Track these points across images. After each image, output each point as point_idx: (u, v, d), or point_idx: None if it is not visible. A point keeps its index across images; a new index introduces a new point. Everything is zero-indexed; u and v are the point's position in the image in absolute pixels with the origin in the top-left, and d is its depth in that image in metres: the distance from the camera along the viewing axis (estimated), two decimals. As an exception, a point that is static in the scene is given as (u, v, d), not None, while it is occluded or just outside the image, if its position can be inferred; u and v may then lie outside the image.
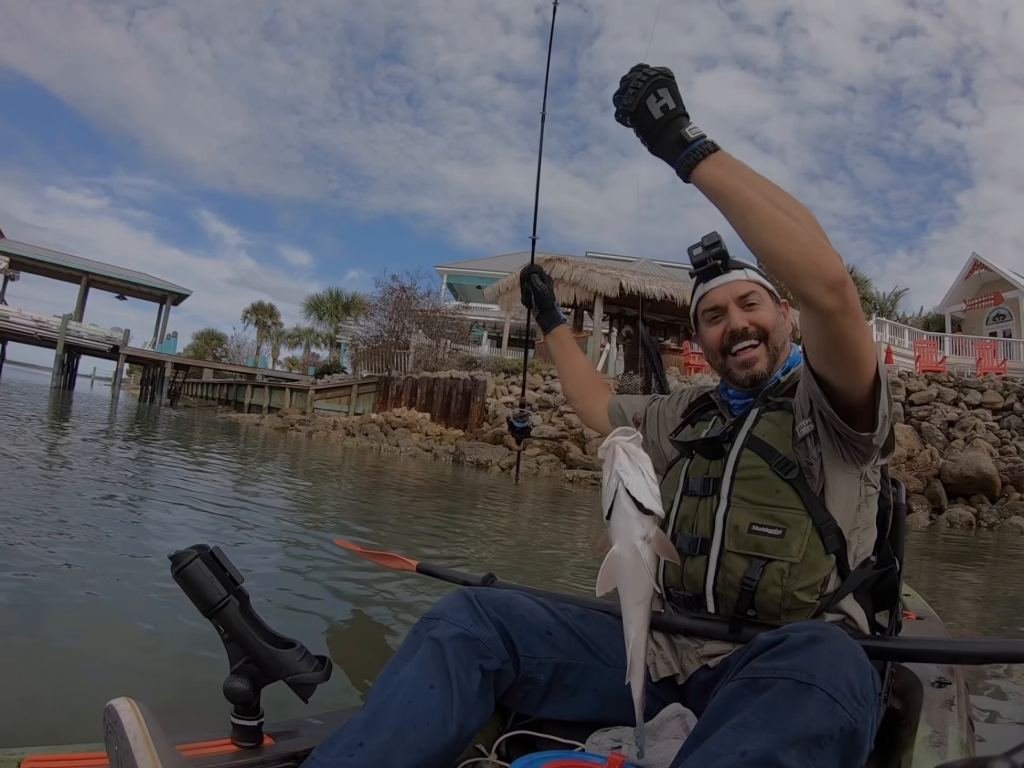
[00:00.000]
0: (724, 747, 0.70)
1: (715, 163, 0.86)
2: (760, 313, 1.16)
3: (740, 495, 1.08)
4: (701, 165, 0.86)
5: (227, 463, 7.17)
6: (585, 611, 1.16)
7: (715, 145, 0.86)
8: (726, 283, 1.17)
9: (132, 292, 34.19)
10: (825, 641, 0.76)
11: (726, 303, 1.17)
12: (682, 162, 0.87)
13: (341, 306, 33.69)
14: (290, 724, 1.00)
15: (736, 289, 1.17)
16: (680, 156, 0.87)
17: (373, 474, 8.01)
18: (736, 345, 1.16)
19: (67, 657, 1.65)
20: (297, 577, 2.67)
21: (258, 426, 16.28)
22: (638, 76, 0.89)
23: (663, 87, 0.88)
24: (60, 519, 3.09)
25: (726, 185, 0.85)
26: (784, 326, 1.20)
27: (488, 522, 5.03)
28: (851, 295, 0.85)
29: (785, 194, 0.85)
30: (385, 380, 16.80)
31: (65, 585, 2.15)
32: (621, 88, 0.90)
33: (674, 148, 0.87)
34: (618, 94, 0.91)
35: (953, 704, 0.97)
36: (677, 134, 0.87)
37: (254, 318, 40.38)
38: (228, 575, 0.92)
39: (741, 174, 0.86)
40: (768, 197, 0.84)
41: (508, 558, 3.61)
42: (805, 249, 0.83)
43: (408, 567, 1.96)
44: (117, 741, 0.73)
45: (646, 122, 0.89)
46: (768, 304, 1.17)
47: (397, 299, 20.38)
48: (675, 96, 0.88)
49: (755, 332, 1.15)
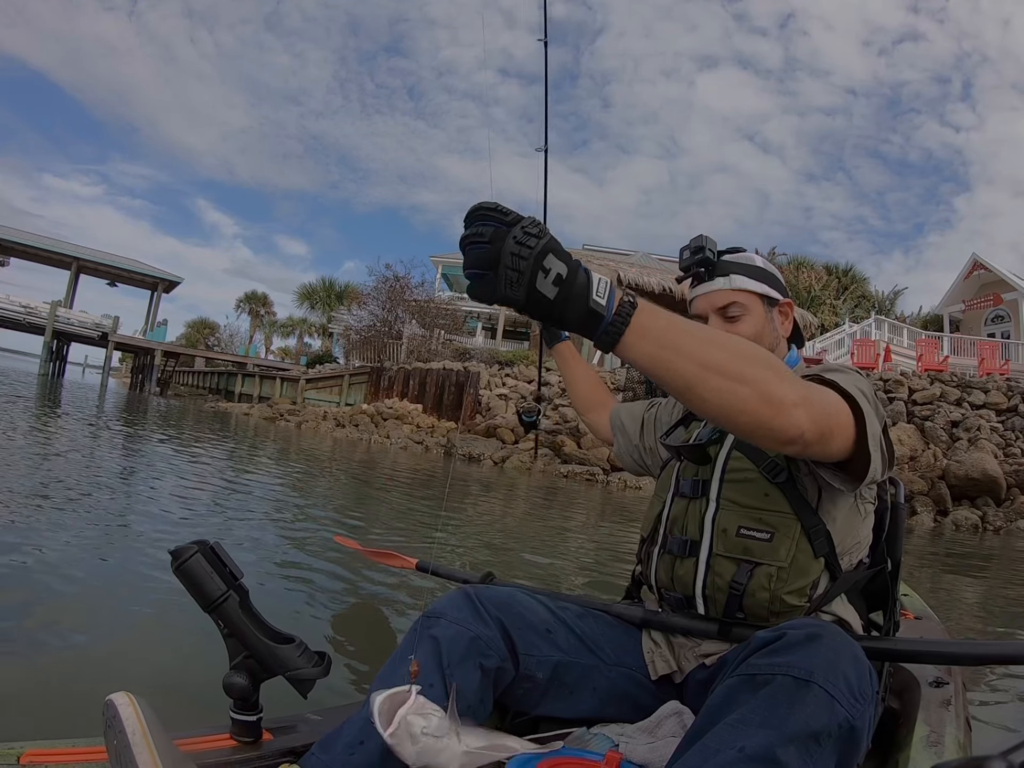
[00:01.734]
0: (722, 743, 0.70)
1: (638, 334, 0.70)
2: (739, 327, 1.14)
3: (729, 498, 1.08)
4: (623, 340, 0.69)
5: (216, 455, 7.14)
6: (585, 610, 1.16)
7: (632, 305, 0.70)
8: (706, 293, 1.17)
9: (123, 279, 33.98)
10: (823, 639, 0.77)
11: (706, 314, 1.17)
12: (600, 340, 0.70)
13: (334, 295, 33.46)
14: (289, 719, 1.01)
15: (715, 300, 1.16)
16: (597, 333, 0.70)
17: (363, 467, 7.96)
18: None
19: (66, 651, 1.67)
20: (296, 572, 2.68)
21: (247, 415, 16.25)
22: (513, 252, 0.65)
23: (546, 254, 0.66)
24: (51, 510, 3.11)
25: (655, 361, 0.71)
26: (775, 331, 1.18)
27: (482, 521, 5.00)
28: (812, 434, 0.76)
29: (726, 346, 0.73)
30: (377, 371, 16.73)
31: (63, 579, 2.17)
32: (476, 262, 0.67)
33: (585, 323, 0.69)
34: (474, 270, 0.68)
35: (950, 704, 0.98)
36: (585, 307, 0.68)
37: (247, 307, 39.90)
38: (228, 570, 0.92)
39: (671, 339, 0.70)
40: (707, 364, 0.70)
41: (505, 556, 3.64)
42: (756, 416, 0.72)
43: (407, 565, 1.98)
44: (116, 735, 0.74)
45: (540, 307, 0.68)
46: (754, 312, 1.15)
47: (391, 288, 20.29)
48: (561, 255, 0.67)
49: None
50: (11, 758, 0.78)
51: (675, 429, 1.28)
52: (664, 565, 1.14)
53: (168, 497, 3.96)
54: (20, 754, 0.79)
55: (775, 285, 1.19)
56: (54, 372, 28.63)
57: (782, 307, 1.21)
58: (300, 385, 18.77)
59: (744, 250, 1.21)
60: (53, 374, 27.68)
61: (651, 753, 0.94)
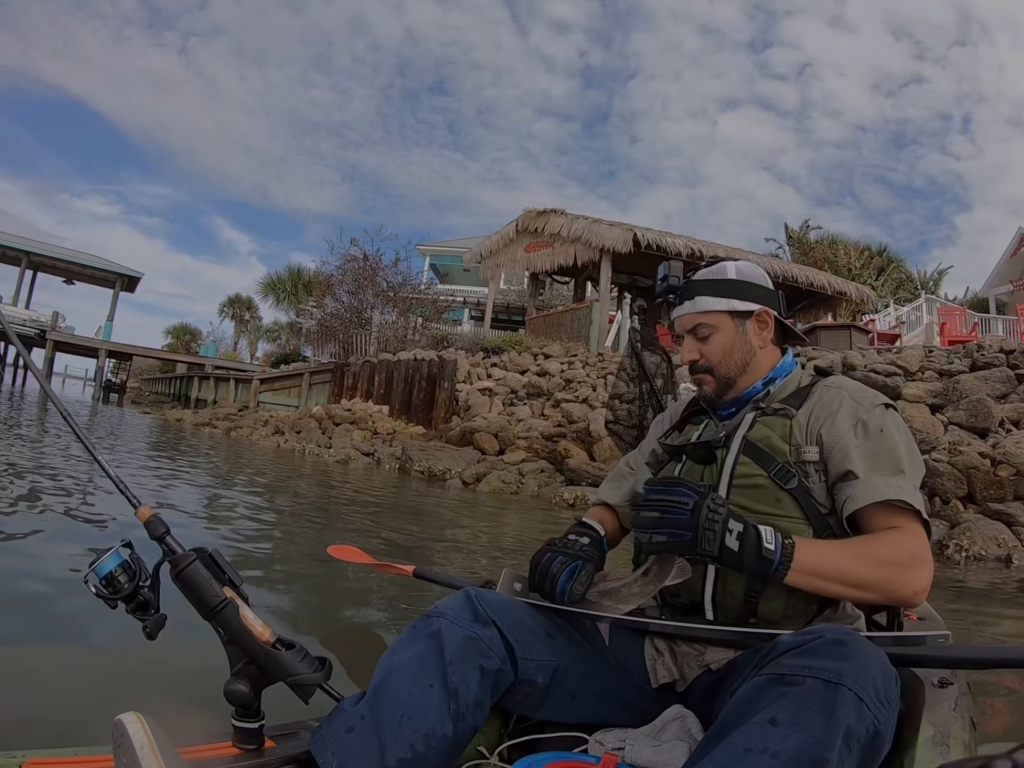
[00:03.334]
0: (752, 742, 0.75)
1: (798, 572, 0.98)
2: (708, 346, 1.26)
3: (738, 504, 1.13)
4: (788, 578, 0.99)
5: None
6: None
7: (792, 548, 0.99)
8: (677, 317, 1.31)
9: (79, 276, 32.13)
10: (849, 643, 0.83)
11: (682, 333, 1.31)
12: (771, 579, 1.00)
13: (301, 285, 30.03)
14: (291, 726, 1.04)
15: (684, 323, 1.30)
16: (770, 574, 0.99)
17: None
18: (692, 371, 1.30)
19: (65, 660, 1.74)
20: (294, 579, 2.79)
21: (179, 421, 15.05)
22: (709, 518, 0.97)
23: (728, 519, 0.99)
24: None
25: (812, 587, 1.01)
26: (748, 344, 1.27)
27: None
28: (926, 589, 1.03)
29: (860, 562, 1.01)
30: (341, 367, 13.62)
31: (59, 586, 2.25)
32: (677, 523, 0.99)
33: (760, 568, 0.98)
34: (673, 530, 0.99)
35: (956, 704, 1.02)
36: (759, 555, 0.98)
37: (231, 312, 37.80)
38: (227, 577, 0.96)
39: (821, 570, 0.99)
40: (847, 581, 1.00)
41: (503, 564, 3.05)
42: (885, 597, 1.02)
43: (404, 573, 2.00)
44: (125, 754, 0.78)
45: (729, 558, 0.98)
46: (722, 329, 1.26)
47: (358, 269, 16.86)
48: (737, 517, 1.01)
49: (702, 365, 1.28)
50: (13, 767, 0.82)
51: (671, 432, 1.36)
52: None
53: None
54: (22, 763, 0.82)
55: (748, 295, 1.27)
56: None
57: (759, 316, 1.27)
58: (254, 386, 16.23)
59: (721, 260, 1.31)
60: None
61: (657, 756, 0.99)
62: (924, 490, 5.19)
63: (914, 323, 16.38)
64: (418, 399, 11.73)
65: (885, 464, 1.09)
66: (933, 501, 5.24)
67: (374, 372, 13.25)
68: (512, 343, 13.39)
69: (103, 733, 0.82)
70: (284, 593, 2.57)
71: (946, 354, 8.21)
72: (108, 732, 0.81)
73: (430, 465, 7.90)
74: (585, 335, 13.19)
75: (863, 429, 1.12)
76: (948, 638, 1.08)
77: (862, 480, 1.08)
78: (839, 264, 22.58)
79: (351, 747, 0.91)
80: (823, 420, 1.15)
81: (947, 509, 5.13)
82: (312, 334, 19.59)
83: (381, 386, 12.87)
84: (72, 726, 1.36)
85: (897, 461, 1.09)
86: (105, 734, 0.82)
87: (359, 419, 11.78)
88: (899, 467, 1.09)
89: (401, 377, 12.26)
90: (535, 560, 1.17)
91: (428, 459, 8.04)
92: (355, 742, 0.90)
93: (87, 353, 28.37)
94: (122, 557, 0.93)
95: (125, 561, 0.93)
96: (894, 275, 24.65)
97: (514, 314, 22.88)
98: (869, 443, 1.11)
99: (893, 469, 1.09)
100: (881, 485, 1.06)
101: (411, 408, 11.84)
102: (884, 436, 1.12)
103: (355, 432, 11.00)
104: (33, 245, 29.71)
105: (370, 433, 11.04)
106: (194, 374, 23.51)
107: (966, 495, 5.33)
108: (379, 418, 11.89)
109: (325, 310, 18.76)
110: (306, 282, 30.15)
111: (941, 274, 26.69)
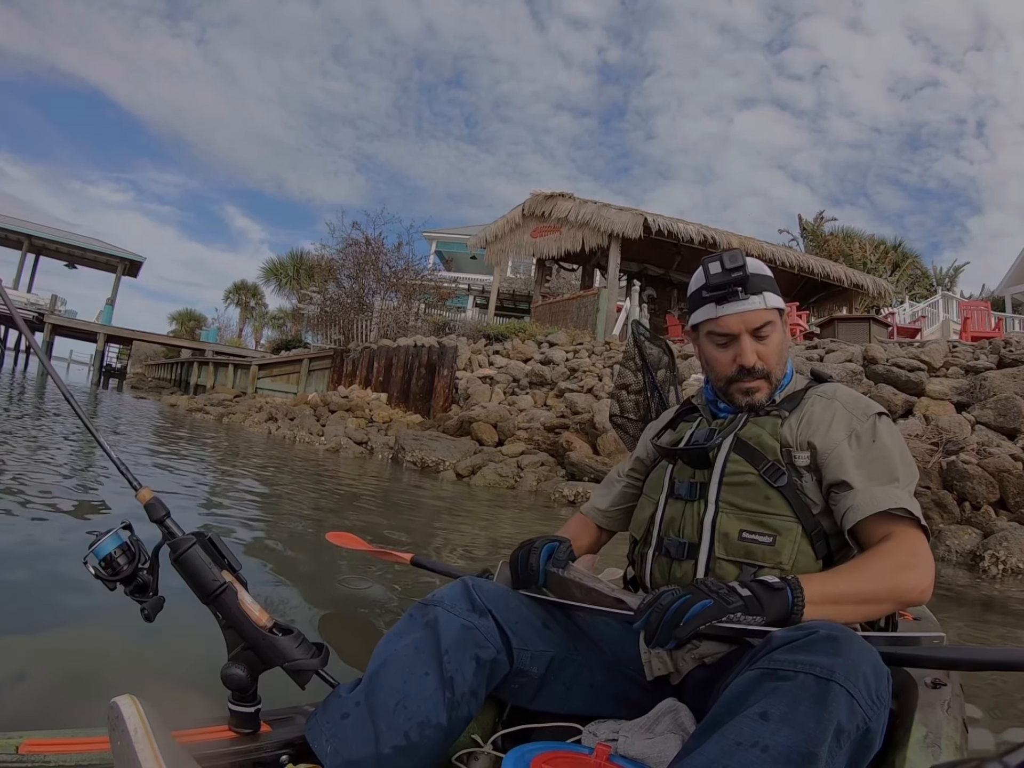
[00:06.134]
0: (743, 736, 0.75)
1: (813, 604, 0.95)
2: (769, 347, 1.22)
3: (728, 501, 1.15)
4: (806, 612, 0.96)
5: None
6: None
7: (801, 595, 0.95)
8: (743, 312, 1.20)
9: (81, 260, 32.15)
10: (842, 640, 0.83)
11: (739, 332, 1.21)
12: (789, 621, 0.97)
13: (303, 270, 29.70)
14: (287, 711, 1.05)
15: (751, 320, 1.20)
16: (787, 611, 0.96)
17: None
18: (744, 377, 1.22)
19: (62, 642, 1.74)
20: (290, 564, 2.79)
21: (173, 407, 14.88)
22: (706, 583, 0.94)
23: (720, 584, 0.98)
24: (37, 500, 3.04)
25: (827, 615, 0.97)
26: (787, 340, 1.26)
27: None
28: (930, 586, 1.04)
29: (866, 578, 1.01)
30: (340, 353, 13.28)
31: (57, 567, 2.24)
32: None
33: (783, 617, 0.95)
34: None
35: (948, 706, 1.02)
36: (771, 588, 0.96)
37: (236, 298, 38.45)
38: (226, 561, 0.97)
39: (832, 595, 0.98)
40: (859, 599, 1.00)
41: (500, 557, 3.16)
42: (895, 602, 1.03)
43: (403, 560, 2.02)
44: (119, 736, 0.78)
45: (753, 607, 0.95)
46: (778, 330, 1.23)
47: (360, 253, 16.50)
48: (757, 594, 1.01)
49: (762, 370, 1.21)
50: (10, 748, 0.82)
51: (663, 432, 1.35)
52: (660, 567, 1.21)
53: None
54: (19, 744, 0.83)
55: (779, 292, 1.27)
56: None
57: (788, 315, 1.32)
58: (252, 372, 16.06)
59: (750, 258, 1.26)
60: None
61: (650, 748, 1.00)
62: (953, 494, 4.85)
63: (930, 320, 16.06)
64: (417, 387, 11.50)
65: (880, 473, 1.11)
66: (963, 506, 4.97)
67: (373, 358, 13.07)
68: (516, 330, 13.06)
69: (100, 715, 0.83)
70: (282, 579, 2.59)
71: (971, 350, 7.92)
72: (104, 714, 0.81)
73: (423, 456, 7.66)
74: (592, 323, 13.00)
75: (857, 440, 1.14)
76: (943, 639, 1.09)
77: (860, 491, 1.10)
78: (854, 258, 22.23)
79: (346, 733, 0.92)
80: (815, 429, 1.17)
81: (978, 515, 4.83)
82: (313, 319, 19.40)
83: (380, 373, 12.68)
84: (69, 708, 1.38)
85: (892, 470, 1.12)
86: (101, 716, 0.82)
87: (356, 406, 11.56)
88: (894, 475, 1.11)
89: (400, 364, 12.05)
90: (513, 554, 1.21)
91: (421, 449, 7.79)
92: (350, 728, 0.92)
93: (86, 337, 28.30)
94: (121, 539, 0.95)
95: (124, 543, 0.95)
96: (909, 271, 24.27)
97: (519, 302, 22.72)
98: (864, 453, 1.13)
99: (888, 478, 1.11)
100: (880, 495, 1.08)
101: (409, 396, 11.62)
102: (878, 446, 1.14)
103: (350, 420, 10.77)
104: (35, 228, 29.59)
105: (365, 421, 10.82)
106: (195, 360, 23.44)
107: (998, 500, 5.04)
108: (376, 406, 11.68)
109: (326, 295, 18.50)
110: (308, 267, 29.93)
111: (957, 271, 26.49)
